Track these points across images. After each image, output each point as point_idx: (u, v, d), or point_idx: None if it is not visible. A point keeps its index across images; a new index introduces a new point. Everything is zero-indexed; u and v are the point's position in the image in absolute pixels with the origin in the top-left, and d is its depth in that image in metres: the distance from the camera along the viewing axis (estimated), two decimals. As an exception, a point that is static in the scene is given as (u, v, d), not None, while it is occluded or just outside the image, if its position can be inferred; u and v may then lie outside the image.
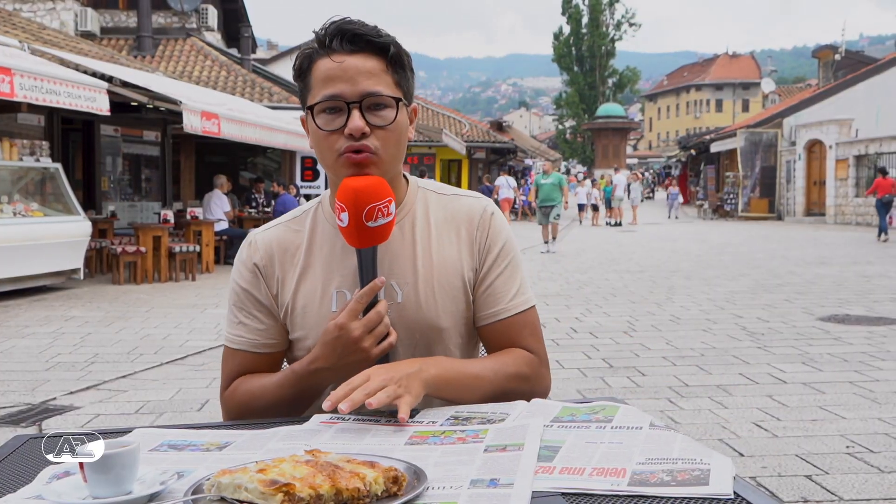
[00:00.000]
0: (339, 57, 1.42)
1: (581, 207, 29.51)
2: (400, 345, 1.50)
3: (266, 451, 1.20)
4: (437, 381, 1.40)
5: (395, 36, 1.47)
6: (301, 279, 1.54)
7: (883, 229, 18.51)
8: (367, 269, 1.43)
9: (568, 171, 62.65)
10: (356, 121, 1.40)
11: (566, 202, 16.09)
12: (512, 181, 26.72)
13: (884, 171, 19.77)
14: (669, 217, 31.89)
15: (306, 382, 1.47)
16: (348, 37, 1.42)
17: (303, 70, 1.47)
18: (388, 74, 1.44)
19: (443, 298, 1.53)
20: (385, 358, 1.45)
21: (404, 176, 1.60)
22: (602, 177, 34.95)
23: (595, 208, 29.51)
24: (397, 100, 1.45)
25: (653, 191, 53.08)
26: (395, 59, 1.45)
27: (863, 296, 9.37)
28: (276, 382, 1.50)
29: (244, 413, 1.55)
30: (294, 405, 1.52)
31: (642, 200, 32.29)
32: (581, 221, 28.72)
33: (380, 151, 1.43)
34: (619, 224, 27.31)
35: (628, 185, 29.08)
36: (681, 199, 34.50)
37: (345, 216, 1.38)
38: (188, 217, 12.61)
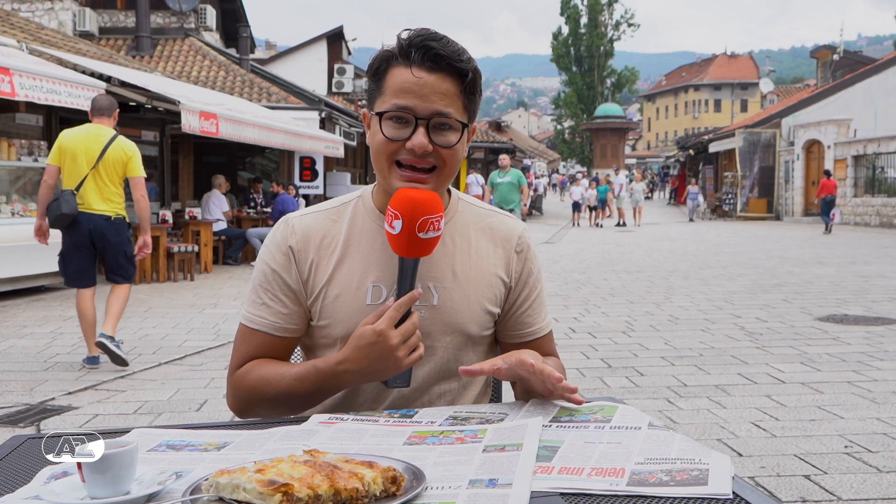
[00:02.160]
0: (419, 72, 1.43)
1: (576, 207, 28.64)
2: (429, 347, 1.54)
3: (264, 451, 1.19)
4: None
5: (470, 54, 1.49)
6: (337, 269, 1.56)
7: (826, 224, 21.69)
8: (406, 279, 1.44)
9: (556, 171, 62.58)
10: (420, 137, 1.44)
11: (525, 205, 13.99)
12: (481, 178, 26.57)
13: (828, 174, 22.47)
14: (692, 220, 29.78)
15: (329, 382, 1.48)
16: (431, 55, 1.43)
17: (379, 72, 1.49)
18: (460, 98, 1.47)
19: (475, 306, 1.58)
20: (412, 368, 1.47)
21: (447, 188, 1.64)
22: (607, 176, 34.12)
23: (593, 209, 28.66)
24: (463, 125, 1.48)
25: (652, 191, 52.91)
26: (470, 84, 1.47)
27: (861, 296, 9.38)
28: (295, 375, 1.50)
29: (253, 397, 1.55)
30: (307, 400, 1.53)
31: (646, 198, 31.49)
32: (578, 223, 27.94)
33: (436, 170, 1.47)
34: (623, 224, 27.13)
35: (629, 183, 28.77)
36: (701, 199, 31.94)
37: (398, 224, 1.40)
38: (186, 217, 12.61)
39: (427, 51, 1.43)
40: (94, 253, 5.69)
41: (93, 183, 5.58)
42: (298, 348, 1.71)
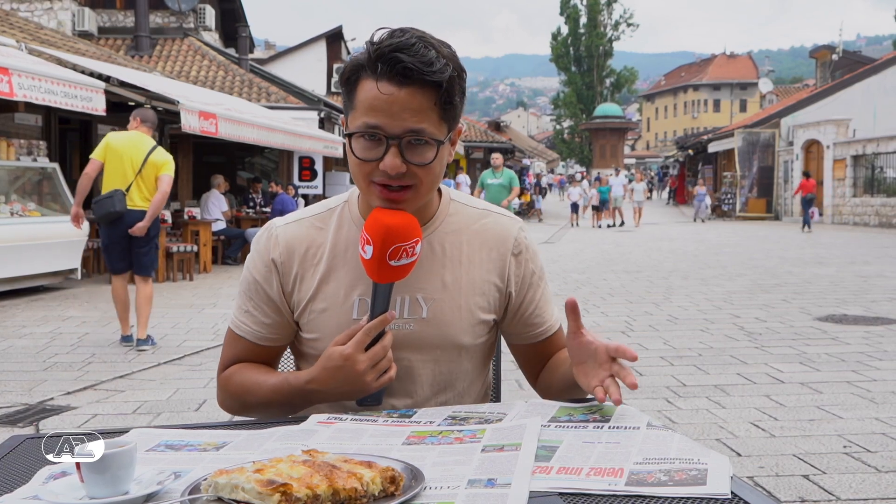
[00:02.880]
0: (387, 88, 1.33)
1: (574, 208, 28.28)
2: (421, 361, 1.51)
3: (263, 451, 1.19)
4: None
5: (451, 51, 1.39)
6: (323, 282, 1.52)
7: (806, 222, 22.27)
8: (379, 302, 1.41)
9: (552, 171, 62.54)
10: (392, 158, 1.35)
11: (508, 201, 13.57)
12: (468, 179, 26.44)
13: (807, 175, 23.77)
14: (696, 220, 28.80)
15: (298, 397, 1.47)
16: (399, 69, 1.32)
17: (349, 81, 1.40)
18: (434, 111, 1.36)
19: (467, 316, 1.53)
20: (383, 389, 1.45)
21: (437, 189, 1.56)
22: (608, 177, 33.84)
23: (595, 209, 28.18)
24: (438, 141, 1.39)
25: (651, 191, 52.85)
26: (445, 94, 1.36)
27: (860, 296, 9.39)
28: (270, 386, 1.50)
29: (236, 401, 1.57)
30: (285, 410, 1.53)
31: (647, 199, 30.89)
32: (576, 224, 27.65)
33: (413, 188, 1.40)
34: (622, 224, 27.00)
35: (628, 182, 28.66)
36: (708, 200, 30.24)
37: (369, 249, 1.36)
38: (186, 217, 12.60)
39: (395, 64, 1.32)
40: (130, 242, 6.48)
41: (136, 185, 6.41)
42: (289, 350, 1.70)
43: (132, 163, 6.36)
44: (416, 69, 1.32)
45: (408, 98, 1.34)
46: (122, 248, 6.47)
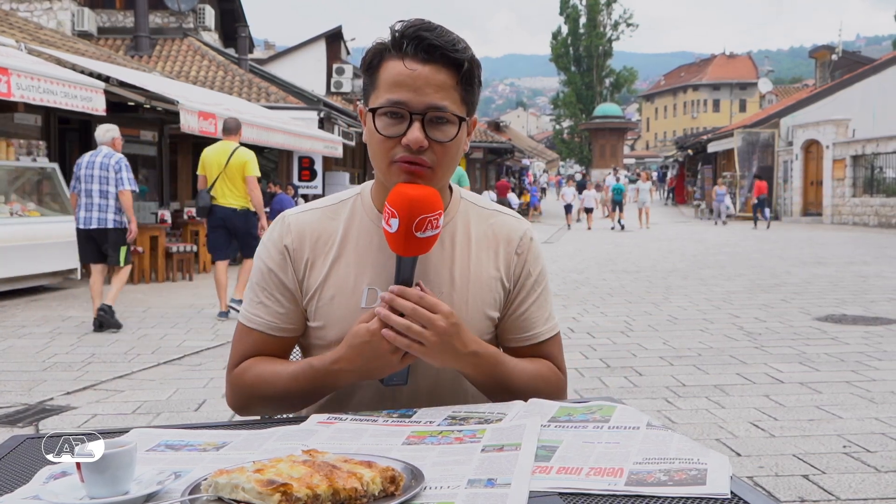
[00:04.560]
0: (412, 64, 1.39)
1: (568, 209, 27.84)
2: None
3: (263, 451, 1.20)
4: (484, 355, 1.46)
5: (467, 44, 1.44)
6: (332, 269, 1.53)
7: (760, 219, 24.89)
8: (404, 278, 1.41)
9: (555, 171, 62.46)
10: (415, 133, 1.39)
11: None
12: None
13: (759, 177, 26.05)
14: (717, 223, 27.26)
15: (323, 380, 1.46)
16: (424, 46, 1.38)
17: (371, 66, 1.44)
18: (456, 90, 1.42)
19: (474, 311, 1.54)
20: (408, 368, 1.45)
21: (448, 186, 1.58)
22: (618, 178, 33.28)
23: (588, 210, 27.39)
24: (461, 118, 1.43)
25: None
26: (466, 74, 1.42)
27: (859, 296, 9.39)
28: (291, 373, 1.49)
29: (251, 395, 1.54)
30: (304, 399, 1.52)
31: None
32: (570, 226, 27.25)
33: (434, 165, 1.42)
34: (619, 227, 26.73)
35: (629, 184, 28.50)
36: (728, 200, 28.51)
37: (394, 222, 1.36)
38: (185, 217, 12.60)
39: (420, 41, 1.38)
40: (229, 234, 7.79)
41: (222, 184, 7.62)
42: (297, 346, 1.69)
43: (219, 167, 7.59)
44: (440, 46, 1.39)
45: (432, 74, 1.39)
46: (217, 237, 7.77)
